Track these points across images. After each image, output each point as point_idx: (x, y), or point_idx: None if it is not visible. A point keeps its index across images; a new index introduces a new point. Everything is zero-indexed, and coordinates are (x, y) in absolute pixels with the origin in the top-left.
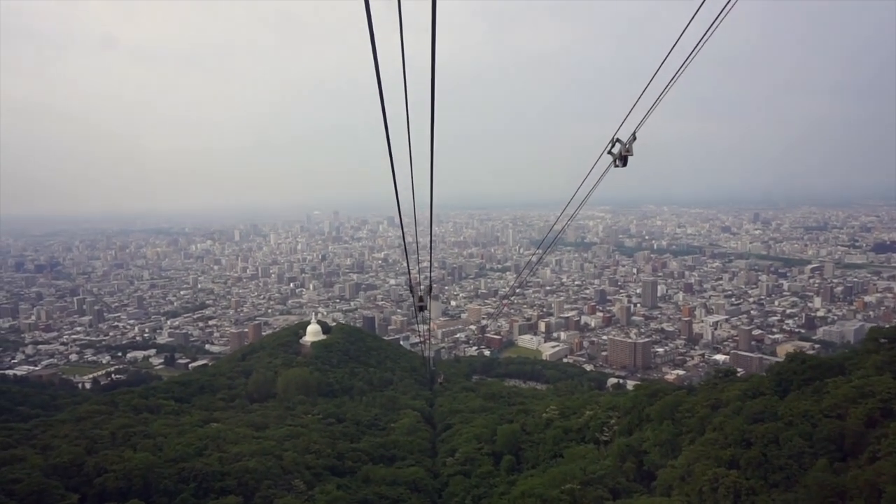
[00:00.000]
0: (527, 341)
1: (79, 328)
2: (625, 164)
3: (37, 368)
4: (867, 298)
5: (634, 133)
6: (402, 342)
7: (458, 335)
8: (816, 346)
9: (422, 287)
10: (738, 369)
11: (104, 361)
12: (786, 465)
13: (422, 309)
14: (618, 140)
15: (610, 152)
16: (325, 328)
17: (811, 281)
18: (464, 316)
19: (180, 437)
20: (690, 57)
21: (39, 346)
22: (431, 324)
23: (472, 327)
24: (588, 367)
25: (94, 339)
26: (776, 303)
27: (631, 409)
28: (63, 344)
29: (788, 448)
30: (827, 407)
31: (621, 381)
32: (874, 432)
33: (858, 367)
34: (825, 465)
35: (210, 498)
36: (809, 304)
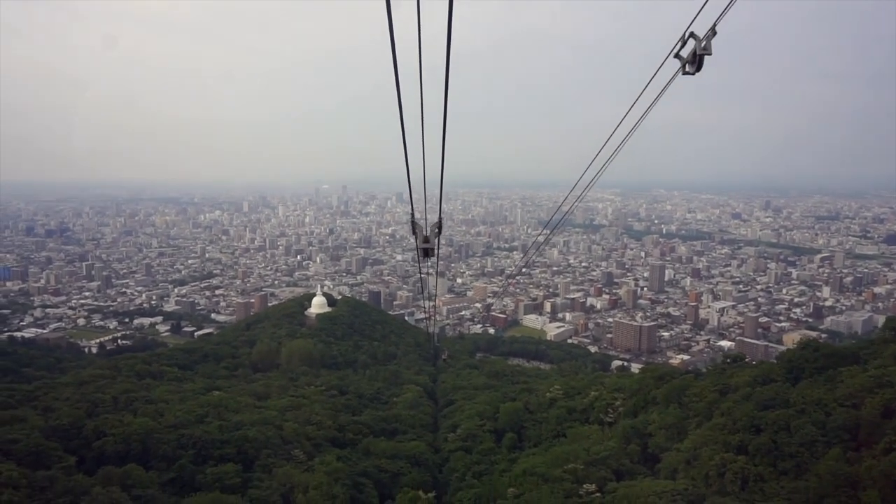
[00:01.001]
0: (532, 321)
1: (87, 293)
2: (699, 69)
3: (44, 331)
4: (877, 289)
5: (714, 26)
6: (406, 317)
7: (463, 312)
8: (824, 335)
9: (427, 226)
10: (744, 356)
11: (111, 327)
12: (797, 452)
13: (427, 255)
14: (691, 35)
15: (678, 55)
16: (331, 301)
17: (820, 270)
18: (469, 294)
19: (182, 403)
20: None
21: (48, 310)
22: (437, 300)
23: (478, 305)
24: (592, 349)
25: (101, 304)
26: (784, 291)
27: (637, 391)
28: (71, 308)
29: (800, 436)
30: (841, 396)
31: (626, 363)
32: (891, 423)
33: (874, 356)
34: (838, 454)
35: (209, 465)
36: (818, 294)
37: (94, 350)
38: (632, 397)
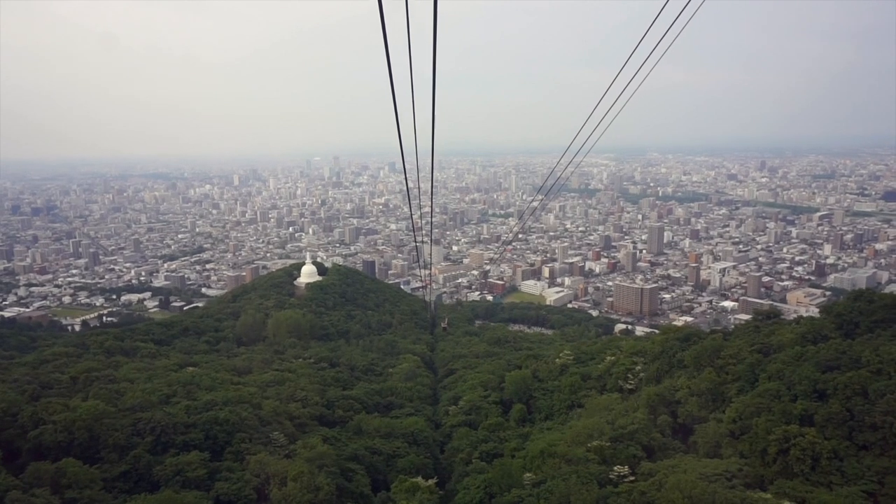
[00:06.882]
0: (530, 286)
1: (74, 271)
2: None
3: (28, 310)
4: (878, 246)
5: None
6: (402, 286)
7: (459, 280)
8: (827, 293)
9: None
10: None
11: (98, 304)
12: (881, 423)
13: None
14: None
15: None
16: (321, 269)
17: (820, 228)
18: (466, 261)
19: (147, 382)
20: None
21: (33, 289)
22: (433, 268)
23: (475, 272)
24: (594, 313)
25: (89, 281)
26: (784, 250)
27: (660, 354)
28: (57, 286)
29: (885, 402)
30: None
31: (629, 326)
32: None
33: None
34: None
35: (169, 454)
36: (819, 252)
37: (77, 328)
38: (654, 361)
